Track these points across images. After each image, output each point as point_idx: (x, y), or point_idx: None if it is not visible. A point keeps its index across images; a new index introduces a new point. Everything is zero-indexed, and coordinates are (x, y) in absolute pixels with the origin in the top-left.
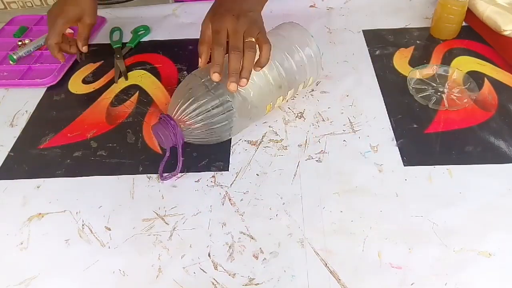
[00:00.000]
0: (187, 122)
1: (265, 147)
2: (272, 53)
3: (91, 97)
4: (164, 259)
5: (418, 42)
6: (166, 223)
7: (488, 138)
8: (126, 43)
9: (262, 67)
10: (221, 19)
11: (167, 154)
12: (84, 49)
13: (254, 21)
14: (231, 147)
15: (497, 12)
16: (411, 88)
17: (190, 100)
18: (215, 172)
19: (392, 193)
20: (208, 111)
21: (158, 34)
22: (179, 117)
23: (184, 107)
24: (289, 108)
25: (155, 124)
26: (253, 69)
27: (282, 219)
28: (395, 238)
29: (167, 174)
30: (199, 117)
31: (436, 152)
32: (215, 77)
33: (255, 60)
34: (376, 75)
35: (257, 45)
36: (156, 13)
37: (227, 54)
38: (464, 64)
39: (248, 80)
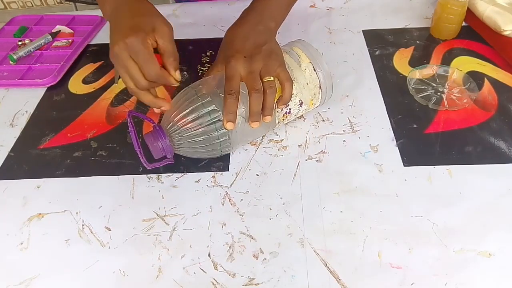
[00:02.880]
0: (178, 134)
1: (265, 147)
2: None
3: (91, 97)
4: (164, 259)
5: (418, 42)
6: (166, 223)
7: (488, 138)
8: None
9: (285, 104)
10: (233, 64)
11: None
12: (177, 75)
13: (270, 55)
14: None
15: (497, 12)
16: (411, 88)
17: (183, 113)
18: (215, 172)
19: (392, 193)
20: (198, 127)
21: None
22: (171, 129)
23: (176, 119)
24: None
25: (146, 134)
26: (276, 106)
27: (282, 219)
28: (395, 238)
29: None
30: (191, 132)
31: (436, 152)
32: (229, 126)
33: (277, 98)
34: (376, 75)
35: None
36: None
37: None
38: (464, 64)
39: (271, 117)
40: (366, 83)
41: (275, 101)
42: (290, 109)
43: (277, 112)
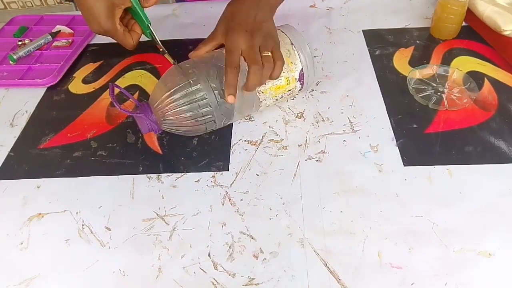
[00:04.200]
0: (164, 112)
1: (265, 147)
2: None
3: (91, 97)
4: (164, 259)
5: (418, 42)
6: (166, 223)
7: (488, 138)
8: None
9: (273, 80)
10: (235, 37)
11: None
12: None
13: (268, 32)
14: (231, 147)
15: (497, 12)
16: (411, 88)
17: (170, 91)
18: (215, 172)
19: (392, 193)
20: (184, 105)
21: (158, 34)
22: (158, 107)
23: (162, 98)
24: (289, 108)
25: (134, 110)
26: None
27: (282, 219)
28: (395, 238)
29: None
30: (177, 109)
31: (436, 152)
32: (230, 99)
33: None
34: (376, 75)
35: None
36: (156, 13)
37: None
38: (464, 64)
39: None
40: (366, 83)
41: None
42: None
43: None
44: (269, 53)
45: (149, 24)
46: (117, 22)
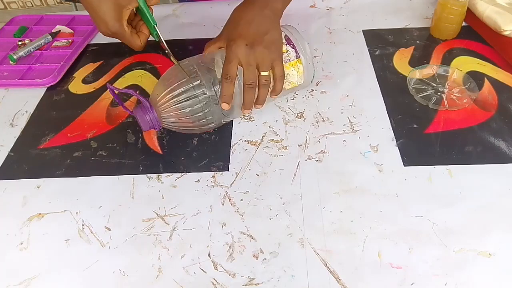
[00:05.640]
0: (165, 109)
1: (265, 147)
2: None
3: (91, 97)
4: (164, 259)
5: (418, 42)
6: (166, 223)
7: (488, 138)
8: None
9: (277, 95)
10: (234, 48)
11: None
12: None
13: (270, 46)
14: (231, 147)
15: (497, 12)
16: (411, 88)
17: (171, 88)
18: (215, 172)
19: (392, 193)
20: (184, 100)
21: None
22: (158, 103)
23: (163, 94)
24: (289, 108)
25: (135, 107)
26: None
27: (282, 219)
28: (395, 238)
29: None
30: (177, 105)
31: (436, 152)
32: (225, 106)
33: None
34: (376, 75)
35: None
36: (156, 13)
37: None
38: (464, 64)
39: (263, 106)
40: (366, 83)
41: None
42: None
43: None
44: (267, 73)
45: (155, 25)
46: (125, 24)
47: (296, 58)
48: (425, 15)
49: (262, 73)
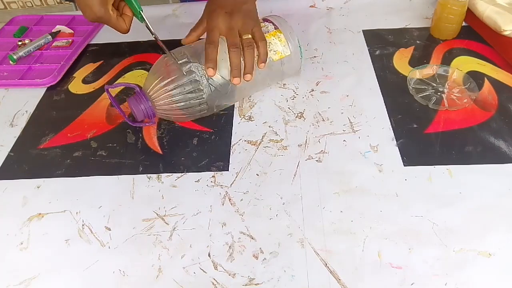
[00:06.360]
0: (159, 98)
1: (265, 147)
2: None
3: (91, 97)
4: (164, 259)
5: (418, 42)
6: (166, 223)
7: (488, 138)
8: None
9: (264, 63)
10: (214, 17)
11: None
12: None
13: (248, 14)
14: (231, 147)
15: (497, 12)
16: (411, 88)
17: (163, 76)
18: (215, 172)
19: (392, 193)
20: (176, 88)
21: (158, 34)
22: (151, 91)
23: (155, 83)
24: (289, 108)
25: (130, 97)
26: (257, 67)
27: (282, 219)
28: (395, 238)
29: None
30: (170, 93)
31: (436, 152)
32: (210, 72)
33: (255, 58)
34: (376, 75)
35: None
36: (156, 13)
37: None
38: (464, 64)
39: (252, 75)
40: (366, 83)
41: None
42: None
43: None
44: (249, 36)
45: (141, 11)
46: (110, 8)
47: (275, 29)
48: (425, 15)
49: (244, 36)
